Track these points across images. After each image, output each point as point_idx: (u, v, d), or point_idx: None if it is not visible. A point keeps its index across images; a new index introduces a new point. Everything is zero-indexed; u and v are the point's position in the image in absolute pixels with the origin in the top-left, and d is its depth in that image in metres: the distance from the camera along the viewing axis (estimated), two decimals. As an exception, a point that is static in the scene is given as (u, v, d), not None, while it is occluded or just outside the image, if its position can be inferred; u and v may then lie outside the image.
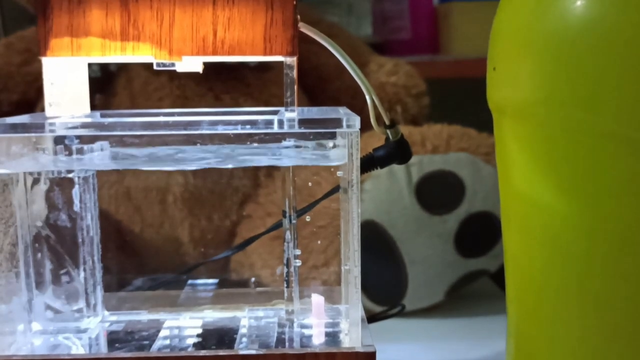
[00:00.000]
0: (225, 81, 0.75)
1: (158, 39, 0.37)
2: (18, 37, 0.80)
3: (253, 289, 0.55)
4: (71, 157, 0.37)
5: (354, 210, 0.36)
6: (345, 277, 0.40)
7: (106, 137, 0.35)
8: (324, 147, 0.39)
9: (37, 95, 0.79)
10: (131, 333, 0.42)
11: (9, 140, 0.36)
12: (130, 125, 0.35)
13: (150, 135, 0.36)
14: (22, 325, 0.40)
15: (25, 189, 0.40)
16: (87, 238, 0.41)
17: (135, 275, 0.57)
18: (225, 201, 0.73)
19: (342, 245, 0.42)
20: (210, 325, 0.43)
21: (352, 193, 0.36)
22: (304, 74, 0.81)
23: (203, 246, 0.72)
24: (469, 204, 0.64)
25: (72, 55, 0.37)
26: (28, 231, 0.40)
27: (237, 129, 0.36)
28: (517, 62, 0.33)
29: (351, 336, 0.38)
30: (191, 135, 0.36)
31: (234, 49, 0.37)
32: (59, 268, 0.41)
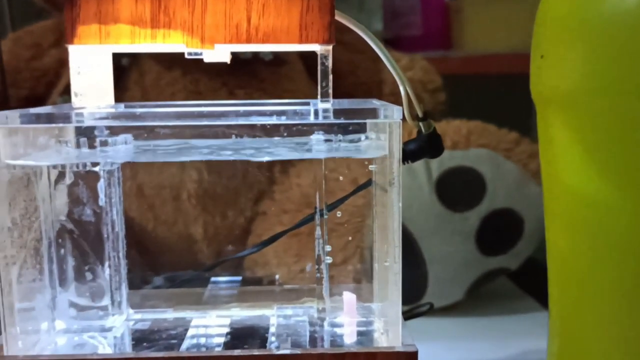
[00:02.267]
0: (239, 76, 0.74)
1: (190, 26, 0.35)
2: (26, 32, 0.79)
3: (280, 287, 0.54)
4: (98, 149, 0.36)
5: (394, 204, 0.35)
6: (382, 273, 0.38)
7: (139, 128, 0.34)
8: (357, 140, 0.38)
9: (46, 91, 0.77)
10: (158, 332, 0.40)
11: (35, 131, 0.35)
12: (163, 116, 0.34)
13: (183, 126, 0.34)
14: (46, 324, 0.38)
15: (49, 182, 0.38)
16: (113, 234, 0.40)
17: (150, 273, 0.55)
18: (240, 198, 0.71)
19: (376, 241, 0.41)
20: (238, 323, 0.41)
21: (393, 187, 0.34)
22: (316, 68, 0.80)
23: (217, 244, 0.71)
24: (490, 201, 0.63)
25: (100, 43, 0.35)
26: (52, 226, 0.39)
27: (272, 119, 0.34)
28: (568, 48, 0.32)
29: (390, 335, 0.36)
30: (227, 125, 0.34)
31: (268, 37, 0.35)
32: (84, 264, 0.40)
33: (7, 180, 0.34)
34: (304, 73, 0.79)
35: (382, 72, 0.80)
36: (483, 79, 0.99)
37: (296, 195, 0.69)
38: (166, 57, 0.73)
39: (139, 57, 0.73)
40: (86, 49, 0.36)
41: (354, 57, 0.81)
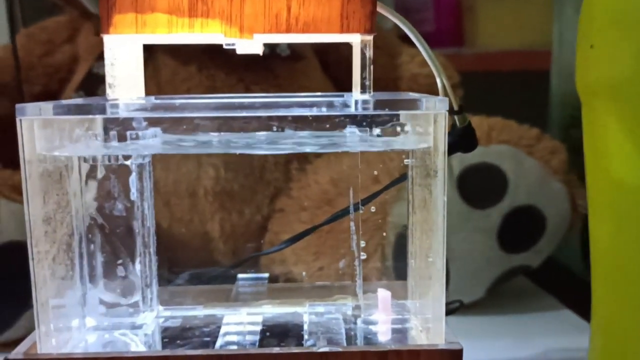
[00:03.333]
0: (256, 71, 0.73)
1: (228, 16, 0.34)
2: (39, 28, 0.78)
3: (310, 284, 0.53)
4: (129, 142, 0.35)
5: (439, 198, 0.34)
6: (422, 269, 0.37)
7: (178, 120, 0.33)
8: (394, 133, 0.37)
9: (59, 87, 0.76)
10: (190, 329, 0.40)
11: (68, 123, 0.34)
12: (202, 107, 0.33)
13: (223, 118, 0.33)
14: (76, 321, 0.37)
15: (79, 176, 0.37)
16: (144, 228, 0.39)
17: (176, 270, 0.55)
18: (257, 195, 0.71)
19: (412, 237, 0.40)
20: (271, 321, 0.40)
21: (437, 180, 0.34)
22: (334, 64, 0.79)
23: (233, 241, 0.70)
24: (512, 198, 0.62)
25: (136, 33, 0.34)
26: (83, 221, 0.38)
27: (316, 110, 0.33)
28: (620, 37, 0.31)
29: (431, 333, 0.35)
30: (268, 117, 0.33)
31: (308, 27, 0.34)
32: (115, 260, 0.39)
33: (40, 173, 0.33)
34: (318, 69, 0.78)
35: (399, 69, 0.79)
36: (495, 76, 0.98)
37: (315, 192, 0.68)
38: (182, 52, 0.72)
39: (154, 52, 0.72)
40: (121, 39, 0.35)
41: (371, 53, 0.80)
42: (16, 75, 0.66)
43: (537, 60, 0.93)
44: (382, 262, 0.61)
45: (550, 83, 0.85)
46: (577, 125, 0.79)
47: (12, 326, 0.56)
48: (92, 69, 0.71)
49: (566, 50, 0.82)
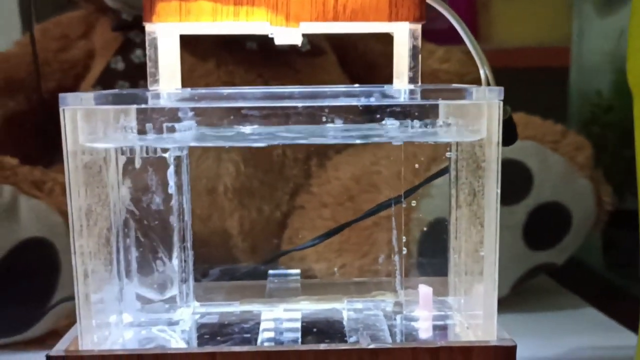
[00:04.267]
0: (274, 67, 0.72)
1: (274, 3, 0.33)
2: (54, 23, 0.77)
3: (345, 279, 0.52)
4: (169, 133, 0.34)
5: (492, 191, 0.33)
6: (469, 265, 0.37)
7: (225, 110, 0.32)
8: (433, 125, 0.36)
9: (75, 83, 0.76)
10: (229, 325, 0.39)
11: (111, 113, 0.33)
12: (251, 96, 0.32)
13: (273, 108, 0.32)
14: (114, 317, 0.37)
15: (117, 169, 0.36)
16: (181, 223, 0.38)
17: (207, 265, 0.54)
18: (277, 191, 0.70)
19: (455, 232, 0.39)
20: (310, 317, 0.40)
21: (490, 172, 0.33)
22: (351, 60, 0.79)
23: (252, 238, 0.69)
24: (537, 194, 0.61)
25: (180, 21, 0.33)
26: (120, 215, 0.37)
27: (361, 101, 0.32)
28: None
29: (480, 329, 0.34)
30: (320, 107, 0.32)
31: (356, 14, 0.34)
32: (152, 255, 0.38)
33: (83, 165, 0.32)
34: (336, 65, 0.77)
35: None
36: (511, 73, 0.97)
37: (336, 189, 0.67)
38: (200, 47, 0.72)
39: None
40: (164, 27, 0.34)
41: (388, 49, 0.79)
42: (35, 69, 0.66)
43: (553, 56, 0.93)
44: (408, 257, 0.60)
45: (569, 80, 0.84)
46: (597, 121, 0.79)
47: (34, 324, 0.55)
48: (109, 64, 0.70)
49: (586, 47, 0.81)
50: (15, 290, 0.53)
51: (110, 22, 0.74)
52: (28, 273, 0.54)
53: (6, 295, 0.53)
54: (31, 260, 0.55)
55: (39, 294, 0.55)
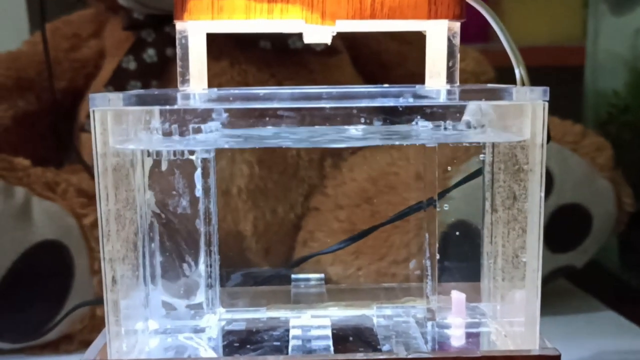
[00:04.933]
0: (288, 66, 0.71)
1: (310, 0, 0.32)
2: (64, 22, 0.76)
3: (371, 284, 0.51)
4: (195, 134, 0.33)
5: (535, 194, 0.32)
6: (508, 270, 0.35)
7: (264, 111, 0.31)
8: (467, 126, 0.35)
9: (86, 83, 0.74)
10: (257, 333, 0.38)
11: (140, 114, 0.32)
12: (285, 97, 0.31)
13: (310, 109, 0.31)
14: (141, 323, 0.35)
15: (143, 172, 0.35)
16: (208, 226, 0.37)
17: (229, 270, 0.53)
18: (291, 193, 0.69)
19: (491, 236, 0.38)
20: (340, 324, 0.38)
21: (533, 175, 0.32)
22: (364, 60, 0.78)
23: (266, 240, 0.68)
24: (558, 196, 0.60)
25: (212, 19, 0.32)
26: (146, 219, 0.36)
27: (399, 101, 0.31)
28: None
29: (520, 337, 0.33)
30: (358, 108, 0.31)
31: (394, 12, 0.32)
32: (178, 260, 0.37)
33: (113, 168, 0.31)
34: (350, 64, 0.76)
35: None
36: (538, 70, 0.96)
37: (352, 190, 0.66)
38: (213, 46, 0.70)
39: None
40: (196, 26, 0.33)
41: (402, 48, 0.79)
42: (47, 69, 0.64)
43: (567, 55, 0.92)
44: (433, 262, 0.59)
45: (585, 79, 0.84)
46: (613, 121, 0.78)
47: (48, 327, 0.54)
48: (121, 63, 0.69)
49: (602, 46, 0.80)
50: (28, 293, 0.52)
51: (121, 21, 0.73)
52: (42, 276, 0.53)
53: (20, 299, 0.52)
54: (45, 263, 0.54)
55: (52, 298, 0.54)
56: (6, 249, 0.51)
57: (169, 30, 0.70)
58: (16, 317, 0.52)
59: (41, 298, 0.53)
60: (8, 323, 0.52)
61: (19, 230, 0.52)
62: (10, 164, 0.58)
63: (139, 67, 0.68)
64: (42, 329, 0.53)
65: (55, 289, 0.55)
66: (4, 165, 0.57)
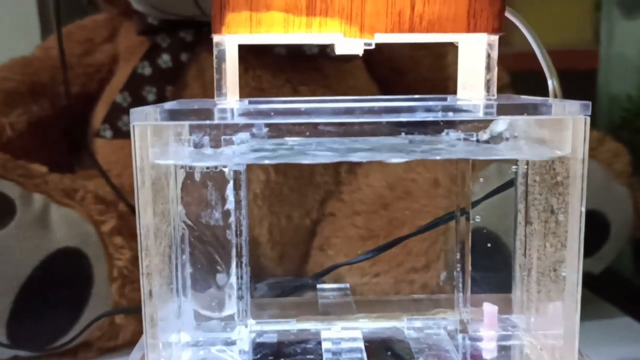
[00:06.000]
0: (303, 72, 0.71)
1: (348, 14, 0.32)
2: (78, 27, 0.76)
3: (398, 296, 0.50)
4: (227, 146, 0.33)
5: (575, 209, 0.32)
6: (543, 283, 0.35)
7: (305, 126, 0.31)
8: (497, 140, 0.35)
9: (99, 88, 0.74)
10: (289, 345, 0.37)
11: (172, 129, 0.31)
12: (329, 112, 0.31)
13: (352, 123, 0.31)
14: (175, 336, 0.35)
15: (175, 185, 0.35)
16: (239, 238, 0.37)
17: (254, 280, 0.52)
18: (306, 198, 0.69)
19: (525, 248, 0.38)
20: (371, 336, 0.38)
21: (574, 189, 0.31)
22: (378, 65, 0.77)
23: (281, 246, 0.68)
24: (575, 202, 0.60)
25: (250, 33, 0.32)
26: (178, 231, 0.36)
27: (439, 116, 0.31)
28: None
29: (558, 351, 0.33)
30: (398, 122, 0.31)
31: (433, 26, 0.32)
32: (210, 271, 0.36)
33: (152, 182, 0.31)
34: (364, 70, 0.76)
35: (447, 69, 0.77)
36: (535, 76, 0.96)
37: (368, 196, 0.66)
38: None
39: (199, 53, 0.70)
40: (234, 39, 0.33)
41: (415, 54, 0.78)
42: (63, 73, 0.64)
43: (577, 59, 0.92)
44: (446, 268, 0.59)
45: (597, 83, 0.83)
46: (628, 126, 0.78)
47: (66, 334, 0.54)
48: (136, 69, 0.69)
49: (615, 50, 0.80)
50: (48, 301, 0.52)
51: (135, 26, 0.72)
52: (61, 284, 0.53)
53: (39, 307, 0.52)
54: (64, 270, 0.53)
55: (71, 305, 0.54)
56: (25, 256, 0.51)
57: (183, 36, 0.70)
58: (35, 324, 0.52)
59: (60, 306, 0.53)
60: (27, 331, 0.52)
61: (37, 238, 0.52)
62: (28, 170, 0.57)
63: (154, 73, 0.68)
64: (61, 336, 0.53)
65: (74, 296, 0.54)
66: (21, 172, 0.57)
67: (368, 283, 0.62)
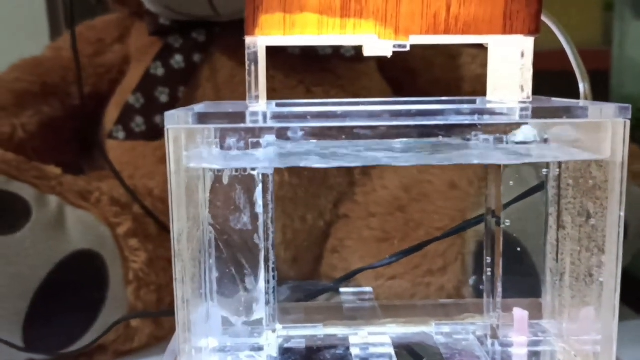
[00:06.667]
0: (316, 73, 0.70)
1: (383, 15, 0.32)
2: (88, 27, 0.75)
3: (426, 301, 0.50)
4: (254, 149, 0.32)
5: (614, 213, 0.31)
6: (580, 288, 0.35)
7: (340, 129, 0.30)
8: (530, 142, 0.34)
9: (109, 89, 0.74)
10: (318, 351, 0.37)
11: (224, 132, 0.31)
12: (365, 115, 0.30)
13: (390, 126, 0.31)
14: (204, 341, 0.35)
15: (204, 188, 0.35)
16: (267, 242, 0.36)
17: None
18: (320, 200, 0.68)
19: (557, 252, 0.37)
20: (400, 342, 0.38)
21: (613, 194, 0.31)
22: (390, 65, 0.77)
23: (295, 248, 0.67)
24: (593, 205, 0.59)
25: (284, 35, 0.32)
26: (206, 235, 0.35)
27: (475, 119, 0.31)
28: None
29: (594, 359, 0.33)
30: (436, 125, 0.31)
31: (469, 27, 0.32)
32: (238, 276, 0.36)
33: (185, 186, 0.31)
34: (376, 70, 0.76)
35: (460, 69, 0.77)
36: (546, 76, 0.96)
37: (383, 198, 0.65)
38: (241, 53, 0.70)
39: (212, 54, 0.70)
40: (268, 41, 0.32)
41: (426, 53, 0.78)
42: (77, 74, 0.64)
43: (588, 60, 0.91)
44: (463, 271, 0.58)
45: (610, 83, 0.83)
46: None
47: (82, 337, 0.53)
48: (149, 69, 0.68)
49: (628, 51, 0.80)
50: (63, 304, 0.52)
51: (146, 27, 0.72)
52: (77, 286, 0.53)
53: (55, 310, 0.52)
54: (80, 273, 0.53)
55: (87, 308, 0.54)
56: (41, 259, 0.50)
57: (195, 36, 0.69)
58: (51, 328, 0.51)
59: (76, 308, 0.53)
60: (43, 334, 0.52)
61: (53, 240, 0.51)
62: (42, 172, 0.57)
63: (166, 73, 0.67)
64: (77, 339, 0.53)
65: (90, 299, 0.54)
66: (36, 173, 0.56)
67: (382, 286, 0.62)
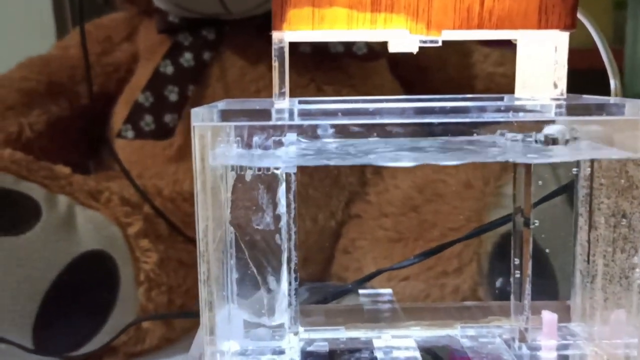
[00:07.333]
0: (327, 71, 0.70)
1: (415, 10, 0.31)
2: (96, 25, 0.74)
3: (448, 303, 0.49)
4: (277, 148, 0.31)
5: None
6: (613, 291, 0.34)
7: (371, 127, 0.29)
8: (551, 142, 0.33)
9: (117, 87, 0.73)
10: (341, 355, 0.36)
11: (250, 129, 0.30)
12: (398, 112, 0.29)
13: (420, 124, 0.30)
14: (227, 344, 0.34)
15: (226, 187, 0.34)
16: (289, 243, 0.36)
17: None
18: (331, 200, 0.67)
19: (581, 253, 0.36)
20: (426, 345, 0.37)
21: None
22: (401, 63, 0.76)
23: (306, 249, 0.67)
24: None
25: (312, 29, 0.31)
26: (228, 235, 0.34)
27: (509, 116, 0.30)
28: None
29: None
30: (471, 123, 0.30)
31: (503, 22, 0.31)
32: (260, 278, 0.35)
33: (211, 186, 0.30)
34: (387, 68, 0.75)
35: (473, 68, 0.76)
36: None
37: (397, 198, 0.65)
38: (250, 51, 0.69)
39: (222, 52, 0.69)
40: (296, 36, 0.31)
41: (442, 51, 0.77)
42: (86, 72, 0.63)
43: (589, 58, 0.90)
44: (479, 272, 0.58)
45: (624, 82, 0.82)
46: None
47: (92, 339, 0.52)
48: (158, 68, 0.67)
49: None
50: (74, 305, 0.51)
51: (155, 24, 0.71)
52: (87, 287, 0.52)
53: (65, 311, 0.51)
54: (90, 274, 0.52)
55: (98, 309, 0.53)
56: (51, 259, 0.49)
57: (205, 34, 0.68)
58: (61, 329, 0.50)
59: (86, 309, 0.52)
60: (53, 335, 0.51)
61: (63, 240, 0.50)
62: (52, 172, 0.56)
63: (176, 72, 0.67)
64: (87, 340, 0.52)
65: (101, 300, 0.53)
66: (45, 173, 0.55)
67: (396, 287, 0.61)
